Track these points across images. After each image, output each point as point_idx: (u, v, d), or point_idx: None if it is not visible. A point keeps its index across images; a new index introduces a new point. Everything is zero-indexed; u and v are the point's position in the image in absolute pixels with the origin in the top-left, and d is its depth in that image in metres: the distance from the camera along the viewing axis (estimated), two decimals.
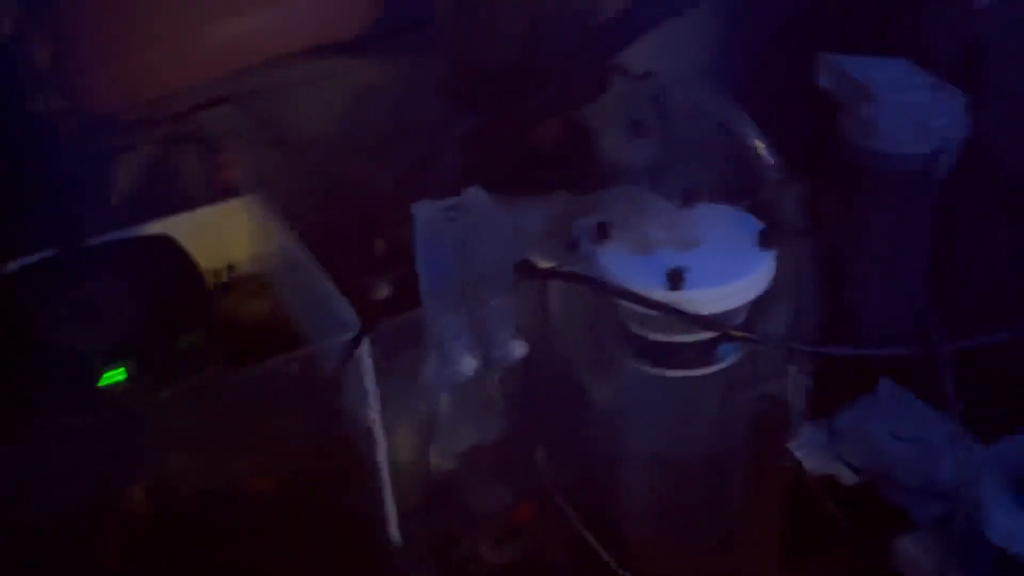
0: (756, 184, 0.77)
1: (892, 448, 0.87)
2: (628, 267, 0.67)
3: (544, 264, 0.72)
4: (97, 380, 0.64)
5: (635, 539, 0.78)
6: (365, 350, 0.72)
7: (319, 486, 0.76)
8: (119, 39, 0.81)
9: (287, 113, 0.88)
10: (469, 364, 0.70)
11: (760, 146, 0.77)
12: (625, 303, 0.67)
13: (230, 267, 0.85)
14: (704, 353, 0.68)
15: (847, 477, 0.87)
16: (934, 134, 0.85)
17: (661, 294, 0.65)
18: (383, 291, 0.91)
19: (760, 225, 0.69)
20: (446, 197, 0.72)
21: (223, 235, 0.83)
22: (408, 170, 0.88)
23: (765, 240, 0.67)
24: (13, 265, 0.72)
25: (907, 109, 0.85)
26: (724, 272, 0.66)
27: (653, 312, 0.66)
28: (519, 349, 0.70)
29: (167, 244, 0.74)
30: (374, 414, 0.75)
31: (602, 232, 0.70)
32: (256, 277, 0.85)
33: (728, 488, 0.77)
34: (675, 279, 0.65)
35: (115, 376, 0.64)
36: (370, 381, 0.73)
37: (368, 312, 0.75)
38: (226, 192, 0.86)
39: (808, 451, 0.89)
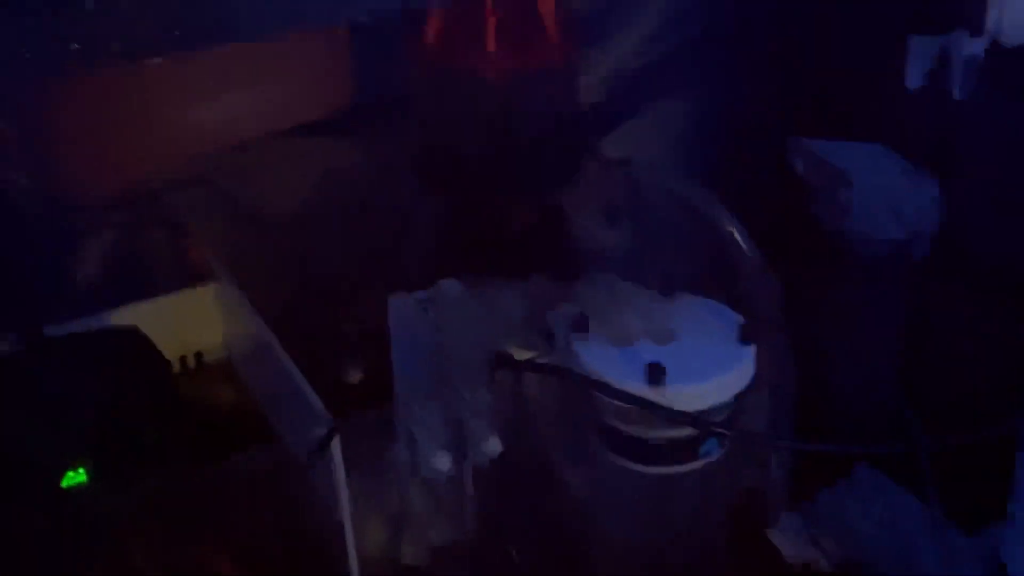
0: (732, 273, 0.77)
1: (870, 536, 0.86)
2: (607, 360, 0.66)
3: (520, 354, 0.70)
4: (59, 481, 0.62)
5: None
6: (336, 443, 0.70)
7: None
8: (88, 122, 0.79)
9: (257, 194, 0.87)
10: (443, 460, 0.68)
11: (737, 235, 0.76)
12: (606, 398, 0.66)
13: (198, 354, 0.83)
14: (686, 449, 0.67)
15: (825, 565, 0.86)
16: (908, 219, 0.85)
17: (642, 389, 0.64)
18: (354, 376, 0.89)
19: (739, 319, 0.69)
20: (419, 279, 0.71)
21: (191, 322, 0.82)
22: (380, 252, 0.87)
23: (746, 334, 0.67)
24: None
25: (882, 194, 0.85)
26: (705, 367, 0.65)
27: (633, 407, 0.65)
28: (495, 446, 0.68)
29: (134, 337, 0.72)
30: (344, 507, 0.73)
31: (580, 323, 0.69)
32: (224, 364, 0.84)
33: None
34: (655, 374, 0.64)
35: (76, 478, 0.62)
36: (340, 473, 0.71)
37: (339, 398, 0.73)
38: (194, 275, 0.85)
39: (785, 537, 0.87)
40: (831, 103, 0.91)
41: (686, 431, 0.66)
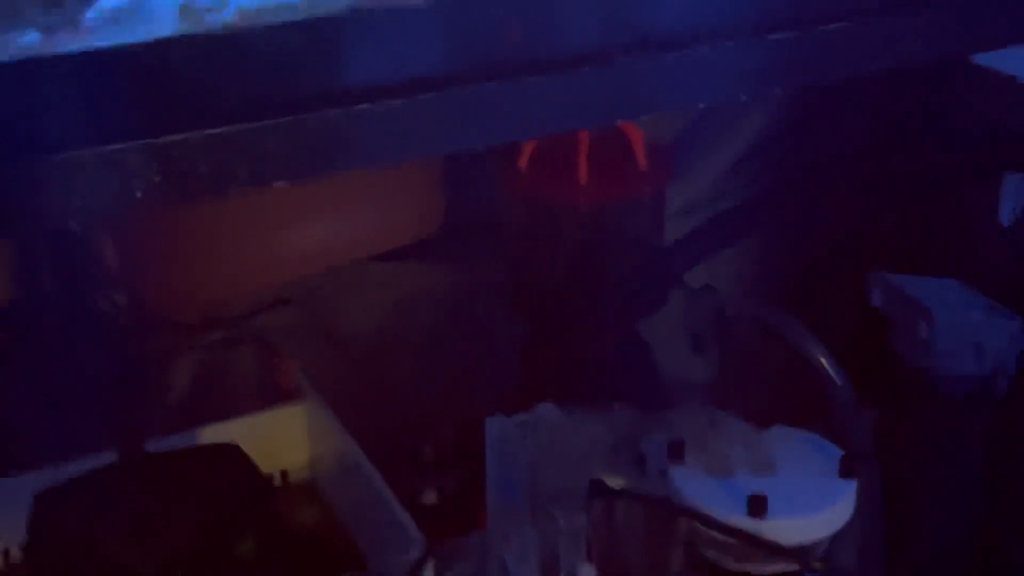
0: (822, 404, 0.77)
1: None
2: (706, 491, 0.66)
3: (612, 481, 0.70)
4: None
5: None
6: (429, 567, 0.70)
7: None
8: (183, 246, 0.81)
9: (345, 316, 0.88)
10: None
11: (828, 366, 0.76)
12: (704, 529, 0.65)
13: (283, 473, 0.83)
14: None
15: None
16: (990, 356, 0.85)
17: (743, 521, 0.64)
18: (430, 497, 0.89)
19: (838, 451, 0.68)
20: (503, 404, 0.72)
21: (278, 440, 0.82)
22: (465, 376, 0.88)
23: (847, 468, 0.66)
24: (75, 468, 0.71)
25: (963, 330, 0.85)
26: (807, 501, 0.65)
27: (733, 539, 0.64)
28: (589, 574, 0.68)
29: (234, 454, 0.72)
30: None
31: (677, 451, 0.69)
32: (309, 483, 0.84)
33: None
34: (758, 507, 0.63)
35: None
36: None
37: (416, 519, 0.73)
38: (282, 395, 0.85)
39: None
40: (910, 238, 0.92)
41: (783, 565, 0.65)
